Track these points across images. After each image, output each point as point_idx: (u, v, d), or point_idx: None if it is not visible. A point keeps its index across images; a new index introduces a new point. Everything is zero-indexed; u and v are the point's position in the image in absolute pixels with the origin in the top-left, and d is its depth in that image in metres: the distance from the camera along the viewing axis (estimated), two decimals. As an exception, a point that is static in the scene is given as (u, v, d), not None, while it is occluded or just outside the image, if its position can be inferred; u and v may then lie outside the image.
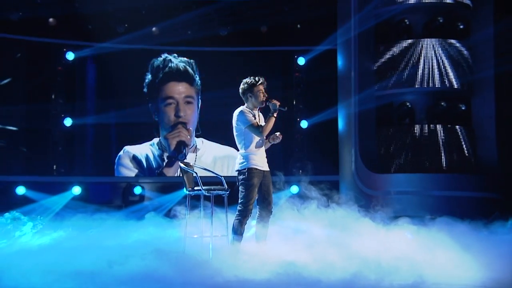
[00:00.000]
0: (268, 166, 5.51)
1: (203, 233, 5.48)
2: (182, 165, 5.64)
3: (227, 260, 4.90)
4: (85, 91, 11.35)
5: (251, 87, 5.41)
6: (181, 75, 11.21)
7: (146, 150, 11.17)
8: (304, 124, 11.63)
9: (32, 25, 10.79)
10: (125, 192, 11.05)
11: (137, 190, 10.95)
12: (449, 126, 9.79)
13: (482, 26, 10.04)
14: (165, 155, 11.13)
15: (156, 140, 11.22)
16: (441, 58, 9.85)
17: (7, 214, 7.34)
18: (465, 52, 10.02)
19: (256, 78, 5.44)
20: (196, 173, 5.52)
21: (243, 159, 5.40)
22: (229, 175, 10.02)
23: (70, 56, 11.14)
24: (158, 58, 11.30)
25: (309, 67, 11.71)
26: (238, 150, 5.47)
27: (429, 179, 9.60)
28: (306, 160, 11.59)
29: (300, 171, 11.45)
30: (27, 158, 11.00)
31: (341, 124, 10.31)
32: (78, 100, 11.30)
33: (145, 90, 11.26)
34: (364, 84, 10.05)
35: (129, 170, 11.05)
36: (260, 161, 5.40)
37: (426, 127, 9.78)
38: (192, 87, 11.18)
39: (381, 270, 4.69)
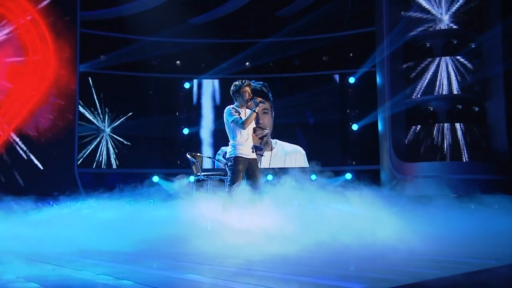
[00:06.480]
0: (328, 159, 6.38)
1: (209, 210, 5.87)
2: (189, 156, 6.07)
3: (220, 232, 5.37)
4: (196, 108, 15.26)
5: (238, 88, 5.81)
6: (258, 93, 14.62)
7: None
8: (355, 127, 14.46)
9: (164, 65, 15.16)
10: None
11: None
12: (465, 124, 11.45)
13: (490, 41, 11.49)
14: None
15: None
16: (456, 71, 11.50)
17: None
18: (477, 64, 11.58)
19: (243, 81, 5.88)
20: (196, 161, 6.03)
21: (231, 148, 5.78)
22: (297, 166, 12.91)
23: (186, 85, 15.42)
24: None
25: (358, 84, 14.51)
26: (303, 148, 6.42)
27: (448, 166, 11.34)
28: (357, 154, 14.22)
29: (353, 162, 14.22)
30: (160, 156, 14.94)
31: (380, 125, 12.42)
32: (192, 115, 15.24)
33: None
34: (395, 93, 11.96)
35: (224, 164, 14.49)
36: (246, 151, 5.75)
37: (446, 125, 11.51)
38: (267, 102, 14.60)
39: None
